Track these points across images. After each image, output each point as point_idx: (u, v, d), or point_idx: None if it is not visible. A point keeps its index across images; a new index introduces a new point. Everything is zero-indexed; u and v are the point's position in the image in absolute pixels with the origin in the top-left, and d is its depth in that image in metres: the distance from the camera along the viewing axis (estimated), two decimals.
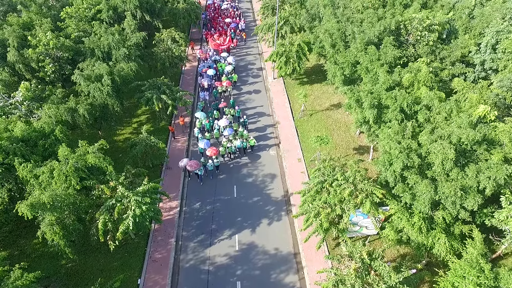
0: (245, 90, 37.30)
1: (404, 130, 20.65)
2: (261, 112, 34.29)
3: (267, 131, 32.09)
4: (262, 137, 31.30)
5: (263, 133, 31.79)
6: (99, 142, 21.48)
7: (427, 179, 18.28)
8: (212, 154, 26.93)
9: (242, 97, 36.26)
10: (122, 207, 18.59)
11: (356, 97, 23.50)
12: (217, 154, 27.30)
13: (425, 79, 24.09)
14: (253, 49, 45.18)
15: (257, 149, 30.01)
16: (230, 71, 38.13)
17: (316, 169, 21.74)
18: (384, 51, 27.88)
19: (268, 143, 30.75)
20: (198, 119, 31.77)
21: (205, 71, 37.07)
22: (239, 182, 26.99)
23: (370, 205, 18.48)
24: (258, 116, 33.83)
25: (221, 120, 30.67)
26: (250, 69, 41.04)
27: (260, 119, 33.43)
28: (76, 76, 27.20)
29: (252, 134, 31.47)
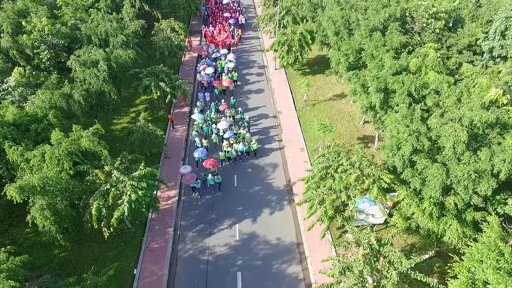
0: (246, 81, 36.41)
1: (413, 114, 19.77)
2: (262, 103, 33.40)
3: (268, 120, 31.20)
4: (263, 127, 30.41)
5: (265, 123, 30.90)
6: (94, 126, 20.60)
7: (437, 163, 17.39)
8: (209, 166, 24.24)
9: (242, 88, 35.35)
10: (117, 192, 17.71)
11: (361, 81, 22.62)
12: (215, 165, 24.53)
13: (433, 64, 23.20)
14: (254, 40, 44.30)
15: (258, 139, 29.08)
16: (231, 69, 35.71)
17: (320, 155, 20.86)
18: (389, 37, 27.01)
19: (269, 133, 29.85)
20: (196, 122, 29.23)
21: (203, 68, 34.93)
22: (239, 171, 26.12)
23: (377, 191, 17.62)
24: (259, 106, 32.94)
25: (220, 123, 28.06)
26: (251, 60, 40.17)
27: (261, 109, 32.55)
28: (71, 61, 26.33)
29: (253, 124, 30.60)
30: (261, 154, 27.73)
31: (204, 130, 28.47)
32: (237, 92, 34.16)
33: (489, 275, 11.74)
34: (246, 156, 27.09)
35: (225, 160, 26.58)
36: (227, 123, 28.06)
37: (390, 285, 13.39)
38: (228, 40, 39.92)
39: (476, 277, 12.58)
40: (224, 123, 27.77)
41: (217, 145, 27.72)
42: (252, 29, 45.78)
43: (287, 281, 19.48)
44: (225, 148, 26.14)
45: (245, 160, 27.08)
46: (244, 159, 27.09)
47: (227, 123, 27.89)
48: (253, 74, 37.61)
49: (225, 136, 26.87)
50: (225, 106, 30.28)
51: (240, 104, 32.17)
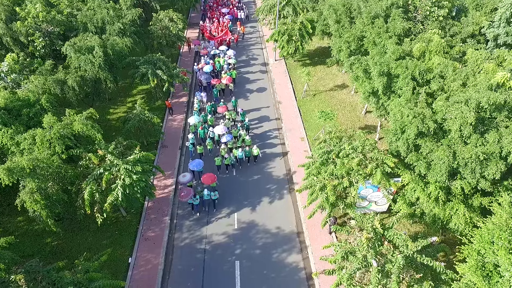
0: (246, 72, 35.73)
1: (417, 98, 19.12)
2: (262, 92, 32.78)
3: (268, 110, 30.56)
4: (263, 117, 29.77)
5: (264, 112, 30.26)
6: (87, 110, 19.96)
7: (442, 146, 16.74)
8: (209, 182, 21.58)
9: (242, 79, 34.67)
10: (111, 176, 17.06)
11: (364, 66, 21.98)
12: (215, 180, 21.88)
13: (437, 49, 22.56)
14: (254, 32, 43.69)
15: (257, 129, 28.45)
16: (231, 66, 33.82)
17: (321, 141, 20.23)
18: (392, 23, 26.39)
19: (269, 122, 29.20)
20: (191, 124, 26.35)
21: (201, 67, 32.99)
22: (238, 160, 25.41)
23: (381, 175, 16.98)
24: (258, 97, 32.31)
25: (217, 126, 25.35)
26: (250, 51, 39.55)
27: (261, 100, 31.92)
28: (66, 47, 25.70)
29: (253, 115, 29.97)
30: (261, 143, 27.05)
31: (200, 133, 25.89)
32: (236, 85, 33.05)
33: (501, 257, 11.10)
34: (246, 162, 24.84)
35: (221, 167, 24.08)
36: (225, 127, 25.41)
37: (395, 269, 12.75)
38: (227, 37, 38.34)
39: (486, 260, 11.93)
40: (221, 127, 25.11)
41: (211, 151, 25.37)
42: (252, 21, 45.18)
43: (287, 270, 18.82)
44: (222, 153, 23.76)
45: (245, 166, 24.72)
46: (243, 165, 24.76)
47: (224, 127, 25.21)
48: (253, 65, 36.99)
49: (222, 140, 24.54)
50: (225, 108, 27.86)
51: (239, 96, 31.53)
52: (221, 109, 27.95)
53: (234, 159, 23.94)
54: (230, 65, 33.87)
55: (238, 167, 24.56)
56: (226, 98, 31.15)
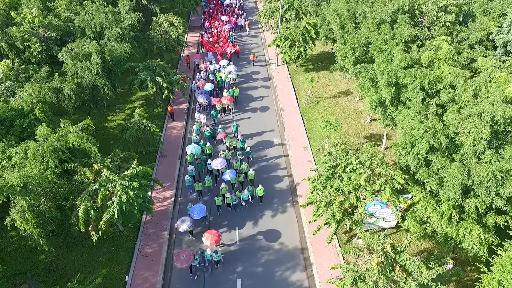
0: (247, 78, 34.89)
1: (427, 110, 18.31)
2: (264, 99, 31.95)
3: (270, 117, 29.75)
4: (264, 125, 28.96)
5: (266, 120, 29.45)
6: (83, 121, 19.15)
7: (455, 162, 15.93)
8: (213, 243, 18.18)
9: (243, 84, 33.85)
10: (107, 192, 16.25)
11: (370, 75, 21.17)
12: (219, 240, 18.56)
13: (446, 57, 21.76)
14: (256, 36, 42.89)
15: (259, 137, 27.62)
16: (232, 80, 31.65)
17: (326, 154, 19.42)
18: (399, 29, 25.60)
19: (271, 130, 28.37)
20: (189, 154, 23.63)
21: (201, 85, 30.58)
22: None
23: (390, 192, 16.16)
24: (260, 102, 31.51)
25: (215, 160, 22.42)
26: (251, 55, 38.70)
27: (263, 105, 31.11)
28: (62, 54, 24.91)
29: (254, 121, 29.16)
30: (263, 152, 26.25)
31: (198, 166, 23.25)
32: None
33: None
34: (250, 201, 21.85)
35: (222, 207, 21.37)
36: (224, 159, 22.78)
37: None
38: (228, 48, 36.10)
39: None
40: (220, 161, 22.33)
41: (211, 188, 22.77)
42: (253, 24, 44.38)
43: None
44: (223, 192, 21.26)
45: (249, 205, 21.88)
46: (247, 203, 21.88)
47: (223, 161, 22.53)
48: (254, 70, 36.16)
49: (224, 178, 21.74)
50: (223, 135, 25.47)
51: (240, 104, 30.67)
52: (220, 135, 25.58)
53: (237, 200, 21.38)
54: (231, 81, 31.83)
55: (241, 208, 21.72)
56: (227, 121, 29.03)
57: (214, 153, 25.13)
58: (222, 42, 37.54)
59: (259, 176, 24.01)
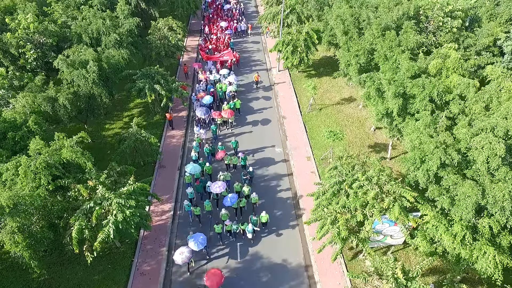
0: (247, 84, 34.13)
1: (436, 122, 17.56)
2: (265, 106, 31.20)
3: (271, 126, 29.00)
4: (266, 134, 28.21)
5: (268, 128, 28.71)
6: (78, 134, 18.39)
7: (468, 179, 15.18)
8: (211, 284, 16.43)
9: (244, 95, 32.94)
10: (102, 211, 15.49)
11: (376, 85, 20.42)
12: (221, 282, 16.64)
13: (455, 66, 21.00)
14: (256, 40, 42.15)
15: (260, 147, 26.87)
16: (233, 92, 30.25)
17: (331, 168, 18.65)
18: (404, 36, 24.84)
19: (273, 139, 27.63)
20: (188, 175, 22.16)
21: (200, 97, 29.20)
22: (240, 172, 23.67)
23: (399, 211, 15.40)
24: (262, 111, 30.76)
25: (214, 184, 20.65)
26: (252, 61, 38.00)
27: (264, 113, 30.36)
28: (58, 61, 24.17)
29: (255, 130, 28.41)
30: (264, 162, 25.50)
31: (197, 188, 21.82)
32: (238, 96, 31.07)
33: None
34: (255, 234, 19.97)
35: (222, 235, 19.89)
36: (223, 183, 20.90)
37: None
38: (229, 58, 34.25)
39: None
40: (220, 184, 20.56)
41: (211, 213, 21.47)
42: (254, 29, 43.62)
43: None
44: (224, 218, 19.93)
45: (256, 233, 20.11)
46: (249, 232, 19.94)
47: (223, 184, 20.74)
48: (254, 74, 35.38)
49: (225, 203, 20.06)
50: (223, 154, 23.82)
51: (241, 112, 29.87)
52: (219, 155, 23.87)
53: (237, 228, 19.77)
54: (231, 93, 30.41)
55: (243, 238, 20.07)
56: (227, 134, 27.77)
57: (214, 172, 23.58)
58: (223, 50, 36.11)
59: (260, 188, 23.26)
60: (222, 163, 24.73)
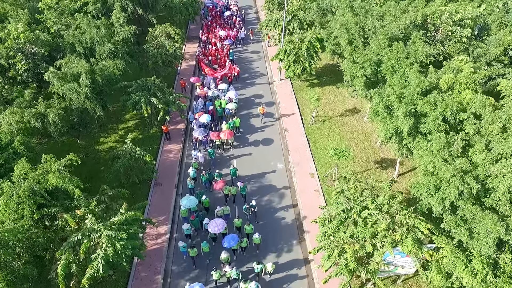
0: (248, 93, 32.88)
1: (451, 145, 16.38)
2: (266, 118, 29.99)
3: (273, 139, 27.80)
4: (267, 148, 27.01)
5: (268, 142, 27.51)
6: (67, 156, 17.20)
7: (489, 211, 14.00)
8: None
9: (243, 100, 31.88)
10: (91, 244, 14.30)
11: (385, 102, 19.24)
12: None
13: (467, 81, 19.84)
14: (257, 47, 40.95)
15: (262, 161, 25.66)
16: (232, 111, 28.44)
17: (338, 192, 17.49)
18: (413, 47, 23.71)
19: (274, 155, 26.41)
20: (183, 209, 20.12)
21: (198, 116, 26.92)
22: (240, 202, 22.51)
23: (412, 243, 14.22)
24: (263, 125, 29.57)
25: (212, 223, 18.54)
26: (252, 69, 36.78)
27: (265, 125, 29.17)
28: (48, 74, 22.99)
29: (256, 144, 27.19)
30: (265, 178, 24.30)
31: (193, 224, 19.86)
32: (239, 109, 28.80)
33: None
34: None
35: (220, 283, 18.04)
36: (222, 221, 18.73)
37: None
38: (229, 72, 32.46)
39: None
40: (218, 224, 18.46)
41: (210, 255, 19.17)
42: (255, 35, 42.41)
43: None
44: (223, 260, 18.18)
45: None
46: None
47: (222, 223, 18.56)
48: (256, 85, 34.23)
49: (224, 244, 17.91)
50: (221, 185, 21.50)
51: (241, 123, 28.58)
52: (218, 186, 21.57)
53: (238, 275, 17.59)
54: (231, 110, 28.47)
55: None
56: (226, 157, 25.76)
57: (212, 200, 21.83)
58: (222, 61, 34.52)
59: (261, 207, 22.08)
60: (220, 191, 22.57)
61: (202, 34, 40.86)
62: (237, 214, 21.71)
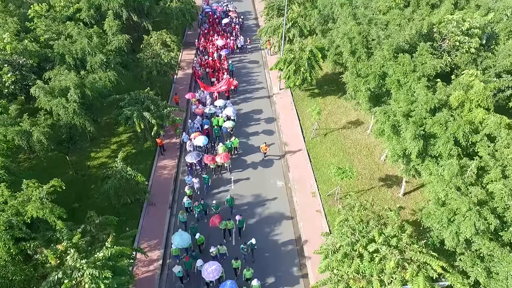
0: (246, 108, 31.26)
1: (464, 172, 15.17)
2: (265, 131, 28.80)
3: (273, 154, 26.54)
4: (266, 164, 25.77)
5: (269, 157, 26.28)
6: (50, 182, 15.96)
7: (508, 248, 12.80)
8: None
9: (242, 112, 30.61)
10: (72, 283, 13.07)
11: (392, 121, 18.03)
12: None
13: (479, 98, 18.63)
14: (256, 55, 39.72)
15: (260, 179, 24.43)
16: (230, 129, 26.59)
17: (342, 220, 16.28)
18: (419, 60, 22.51)
19: (274, 172, 25.17)
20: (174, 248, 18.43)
21: (194, 137, 25.11)
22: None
23: (423, 283, 13.03)
24: (261, 133, 28.37)
25: (207, 267, 16.79)
26: (251, 79, 35.45)
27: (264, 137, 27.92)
28: (35, 89, 21.79)
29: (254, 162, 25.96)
30: (264, 198, 23.08)
31: (186, 265, 17.89)
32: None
33: None
34: None
35: None
36: (218, 266, 16.88)
37: None
38: (226, 87, 30.29)
39: None
40: (214, 269, 16.67)
41: None
42: (254, 42, 41.16)
43: None
44: None
45: None
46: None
47: (217, 268, 16.76)
48: (255, 98, 32.87)
49: None
50: (218, 220, 19.59)
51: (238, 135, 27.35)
52: (214, 221, 19.65)
53: None
54: (228, 129, 26.50)
55: None
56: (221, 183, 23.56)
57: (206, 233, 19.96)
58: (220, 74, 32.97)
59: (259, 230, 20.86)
60: None
61: (199, 43, 39.43)
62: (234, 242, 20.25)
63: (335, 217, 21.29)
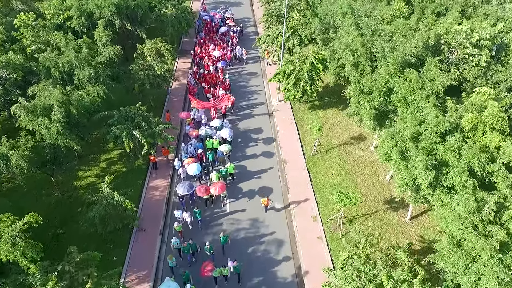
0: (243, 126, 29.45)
1: (481, 208, 13.74)
2: (263, 146, 27.37)
3: (271, 174, 25.07)
4: (264, 183, 24.32)
5: (267, 176, 24.84)
6: (26, 217, 14.50)
7: None
8: None
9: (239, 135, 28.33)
10: None
11: (399, 147, 16.60)
12: None
13: (493, 121, 17.21)
14: (254, 65, 38.20)
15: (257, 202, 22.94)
16: (226, 154, 24.66)
17: (346, 257, 14.86)
18: (427, 75, 21.12)
19: (272, 193, 23.66)
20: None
21: (187, 164, 23.18)
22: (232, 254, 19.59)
23: None
24: (258, 150, 26.95)
25: None
26: (249, 92, 33.71)
27: (262, 156, 26.50)
28: (15, 108, 20.36)
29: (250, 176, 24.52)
30: (261, 223, 21.65)
31: None
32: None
33: None
34: None
35: None
36: None
37: None
38: (223, 103, 28.60)
39: None
40: None
41: None
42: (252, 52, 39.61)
43: None
44: None
45: None
46: None
47: None
48: (252, 108, 31.54)
49: None
50: (209, 269, 17.41)
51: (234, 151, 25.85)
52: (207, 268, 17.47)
53: None
54: (224, 153, 24.49)
55: None
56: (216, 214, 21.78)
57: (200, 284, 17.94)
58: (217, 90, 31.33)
59: (256, 261, 19.41)
60: None
61: (194, 54, 37.73)
62: None
63: (337, 244, 20.01)
